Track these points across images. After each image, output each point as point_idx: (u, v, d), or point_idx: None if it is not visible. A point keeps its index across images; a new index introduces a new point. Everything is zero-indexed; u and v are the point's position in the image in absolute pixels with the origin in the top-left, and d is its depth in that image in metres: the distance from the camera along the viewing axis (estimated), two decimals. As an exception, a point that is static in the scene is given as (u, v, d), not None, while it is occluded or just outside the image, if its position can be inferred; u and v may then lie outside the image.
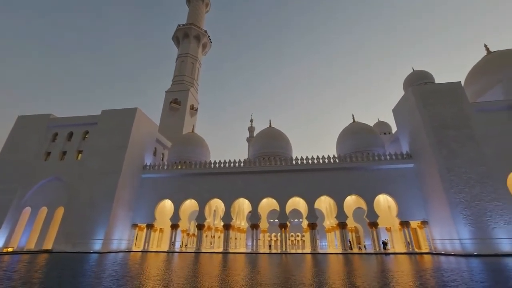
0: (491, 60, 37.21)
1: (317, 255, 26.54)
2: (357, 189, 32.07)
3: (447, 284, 8.53)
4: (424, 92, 32.20)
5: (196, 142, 44.68)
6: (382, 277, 10.63)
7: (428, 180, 29.61)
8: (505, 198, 25.34)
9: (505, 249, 23.22)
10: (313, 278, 10.11)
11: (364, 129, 41.26)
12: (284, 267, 14.91)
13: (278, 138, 44.87)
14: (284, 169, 34.47)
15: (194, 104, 67.26)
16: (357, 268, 14.46)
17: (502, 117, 29.74)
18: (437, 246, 28.05)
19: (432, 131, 29.47)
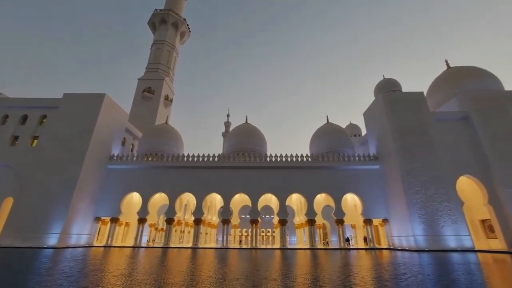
0: (450, 75, 40.82)
1: (285, 250, 27.24)
2: (327, 188, 33.37)
3: (399, 277, 9.21)
4: (392, 99, 34.34)
5: (169, 134, 43.07)
6: (342, 270, 11.17)
7: (390, 181, 31.78)
8: (454, 200, 28.14)
9: (451, 245, 25.86)
10: (278, 272, 10.29)
11: (336, 130, 42.98)
12: (251, 262, 15.02)
13: (254, 134, 44.98)
14: (258, 166, 34.68)
15: (169, 95, 64.64)
16: (320, 262, 15.06)
17: (457, 127, 32.85)
18: (394, 242, 30.33)
19: (397, 136, 31.59)
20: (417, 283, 8.12)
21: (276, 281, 8.22)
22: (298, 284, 7.93)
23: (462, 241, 26.19)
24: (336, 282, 8.25)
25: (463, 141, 31.95)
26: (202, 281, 8.14)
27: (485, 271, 11.70)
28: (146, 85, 60.70)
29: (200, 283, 7.76)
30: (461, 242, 26.12)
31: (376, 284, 8.04)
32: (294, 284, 7.92)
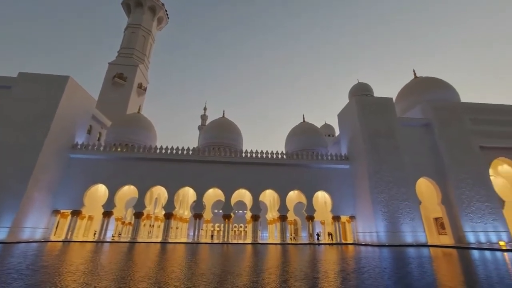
0: (416, 84, 43.99)
1: (257, 245, 27.56)
2: (300, 185, 34.27)
3: (358, 270, 9.75)
4: (364, 103, 36.08)
5: (141, 124, 41.01)
6: (307, 264, 11.56)
7: (359, 180, 33.54)
8: (413, 199, 30.54)
9: (408, 241, 28.11)
10: (246, 267, 10.34)
11: (311, 129, 44.21)
12: (220, 257, 14.94)
13: (230, 129, 44.60)
14: (233, 161, 34.48)
15: (143, 83, 61.32)
16: (288, 257, 15.45)
17: (419, 132, 35.54)
18: (359, 238, 32.20)
19: (367, 138, 33.33)
20: (374, 276, 8.65)
21: (241, 276, 8.22)
22: (263, 278, 8.01)
23: (417, 236, 28.59)
24: (299, 276, 8.48)
25: (424, 146, 34.68)
26: (166, 276, 7.88)
27: (434, 264, 12.87)
28: (118, 70, 56.89)
29: (163, 278, 7.50)
30: (417, 237, 28.51)
31: (336, 277, 8.41)
32: (259, 278, 7.98)
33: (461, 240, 29.49)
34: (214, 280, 7.39)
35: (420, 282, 7.83)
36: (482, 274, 9.61)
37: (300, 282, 7.37)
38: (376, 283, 7.36)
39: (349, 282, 7.57)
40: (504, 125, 35.94)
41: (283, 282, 7.32)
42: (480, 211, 30.50)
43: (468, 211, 30.40)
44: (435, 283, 7.84)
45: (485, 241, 28.82)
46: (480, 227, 29.70)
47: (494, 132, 35.30)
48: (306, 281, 7.49)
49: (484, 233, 29.35)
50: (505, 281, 8.09)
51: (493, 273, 9.69)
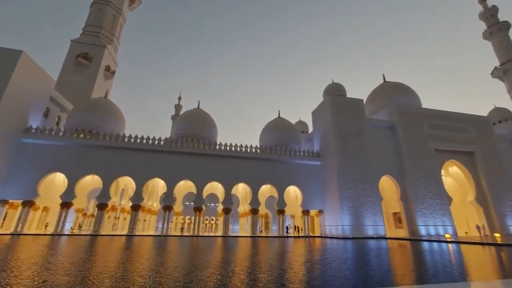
0: (384, 88, 46.88)
1: (227, 238, 27.59)
2: (272, 179, 34.82)
3: (323, 262, 10.23)
4: (337, 102, 37.49)
5: (108, 110, 38.23)
6: (273, 256, 11.84)
7: (328, 176, 35.02)
8: (376, 195, 32.77)
9: (370, 233, 30.23)
10: (212, 259, 10.27)
11: (286, 125, 44.95)
12: (189, 250, 14.68)
13: (205, 120, 43.56)
14: (207, 153, 33.81)
15: (111, 66, 56.71)
16: (257, 249, 15.71)
17: (385, 133, 37.99)
18: (326, 231, 33.85)
19: (338, 136, 34.77)
20: (335, 267, 9.12)
21: (206, 269, 8.14)
22: (229, 271, 8.01)
23: (378, 230, 30.86)
24: (265, 268, 8.64)
25: (388, 146, 37.21)
26: (127, 270, 7.50)
27: (390, 254, 13.99)
28: (82, 49, 51.85)
29: (123, 272, 7.12)
30: (377, 230, 30.77)
31: (299, 268, 8.72)
32: (224, 271, 7.96)
33: (414, 233, 32.47)
34: (179, 274, 7.20)
35: (375, 271, 8.42)
36: (429, 262, 10.68)
37: (264, 274, 7.48)
38: (335, 273, 7.75)
39: (311, 273, 7.87)
40: (456, 131, 39.94)
41: (249, 274, 7.38)
42: (431, 207, 33.78)
43: (421, 207, 33.48)
44: (390, 272, 8.49)
45: (434, 233, 32.06)
46: (430, 221, 32.93)
47: (448, 137, 39.08)
48: (271, 273, 7.63)
49: (433, 226, 32.62)
50: (447, 268, 9.05)
51: (438, 261, 10.81)
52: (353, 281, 6.82)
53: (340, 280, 6.84)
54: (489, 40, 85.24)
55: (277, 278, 6.77)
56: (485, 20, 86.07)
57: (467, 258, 12.40)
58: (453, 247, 17.67)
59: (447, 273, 8.09)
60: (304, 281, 6.66)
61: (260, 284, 6.01)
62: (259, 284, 6.02)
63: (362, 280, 6.94)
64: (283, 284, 6.04)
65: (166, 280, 6.23)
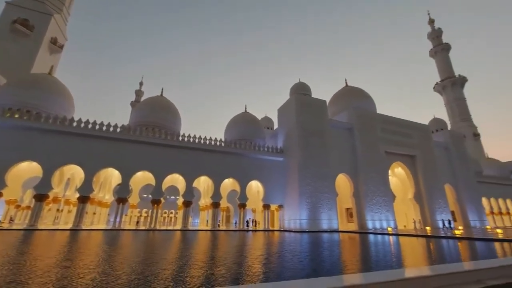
0: (345, 92, 50.10)
1: (186, 232, 26.79)
2: (235, 174, 34.74)
3: (278, 254, 10.54)
4: (302, 101, 38.80)
5: (54, 89, 33.75)
6: (228, 249, 11.85)
7: (290, 173, 36.23)
8: (332, 192, 34.99)
9: (324, 227, 32.25)
10: (167, 253, 9.83)
11: (252, 120, 45.15)
12: (142, 244, 13.85)
13: (168, 109, 41.30)
14: (169, 144, 32.18)
15: (58, 39, 49.59)
16: (215, 242, 15.56)
17: (344, 134, 40.61)
18: (285, 225, 35.13)
19: (301, 134, 36.08)
20: (289, 259, 9.47)
21: (155, 264, 7.75)
22: (180, 265, 7.75)
23: (332, 223, 33.09)
24: (219, 262, 8.55)
25: (346, 146, 39.91)
26: (53, 269, 6.72)
27: (341, 246, 15.08)
28: (20, 14, 44.28)
29: (52, 272, 6.36)
30: (331, 224, 32.99)
31: (253, 260, 8.85)
32: (174, 266, 7.69)
33: (363, 227, 35.65)
34: (124, 270, 6.68)
35: (326, 262, 8.95)
36: (373, 252, 11.79)
37: (217, 268, 7.39)
38: (288, 265, 8.02)
39: (265, 266, 8.02)
40: (402, 136, 44.66)
41: (200, 268, 7.20)
42: (378, 204, 37.39)
43: (370, 203, 36.84)
44: (339, 261, 9.11)
45: (379, 227, 35.61)
46: (377, 216, 36.47)
47: (396, 141, 43.51)
48: (224, 267, 7.56)
49: (379, 221, 36.21)
50: (387, 257, 10.07)
51: (380, 251, 12.01)
52: (305, 271, 7.11)
53: (291, 271, 7.07)
54: (433, 58, 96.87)
55: (228, 271, 6.71)
56: (431, 40, 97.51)
57: (403, 248, 13.99)
58: (393, 239, 19.81)
59: (386, 261, 8.98)
60: (257, 273, 6.72)
61: (211, 278, 5.89)
62: (209, 278, 5.89)
63: (313, 271, 7.28)
64: (236, 278, 6.00)
65: (109, 277, 5.71)
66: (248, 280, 5.79)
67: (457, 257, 10.66)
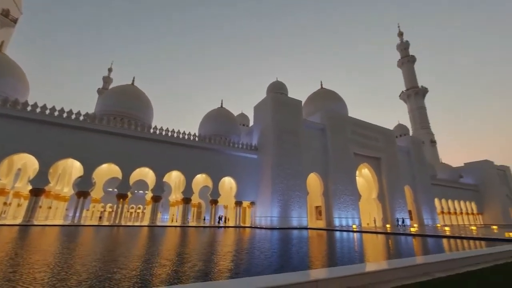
0: (320, 94, 51.82)
1: (154, 228, 25.73)
2: (208, 169, 34.13)
3: (247, 251, 10.54)
4: (278, 100, 39.22)
5: (3, 67, 30.11)
6: (195, 246, 11.61)
7: (263, 170, 36.53)
8: (303, 190, 36.00)
9: (295, 224, 33.12)
10: (128, 251, 9.32)
11: (228, 116, 44.69)
12: (102, 241, 12.98)
13: (139, 99, 39.13)
14: (139, 136, 30.52)
15: (11, 11, 43.78)
16: (184, 239, 15.14)
17: (317, 134, 41.94)
18: (256, 222, 35.41)
19: (276, 132, 36.50)
20: (257, 254, 9.51)
21: (110, 263, 7.30)
22: (138, 264, 7.41)
23: (302, 221, 34.09)
24: (182, 258, 8.32)
25: (318, 146, 41.27)
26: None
27: (309, 242, 15.56)
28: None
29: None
30: (301, 222, 33.98)
31: (220, 257, 8.74)
32: (136, 263, 7.32)
33: (330, 224, 37.29)
34: (75, 269, 6.16)
35: (294, 257, 9.14)
36: (338, 247, 12.33)
37: (180, 266, 7.16)
38: (255, 261, 8.04)
39: (230, 263, 7.94)
40: (370, 139, 47.40)
41: (161, 266, 6.91)
42: (346, 202, 39.34)
43: (338, 202, 38.62)
44: (306, 256, 9.35)
45: (345, 224, 37.50)
46: (343, 214, 38.37)
47: (364, 143, 46.03)
48: (189, 265, 7.36)
49: (345, 218, 38.12)
50: (351, 253, 10.59)
51: (345, 246, 12.60)
52: (272, 267, 7.16)
53: (257, 267, 7.08)
54: (400, 68, 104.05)
55: (191, 269, 6.52)
56: (400, 51, 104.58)
57: (365, 244, 14.85)
58: (357, 236, 20.98)
59: (351, 256, 9.42)
60: (222, 270, 6.62)
61: (172, 276, 5.66)
62: (170, 276, 5.66)
63: (280, 266, 7.36)
64: (206, 273, 5.84)
65: (55, 277, 5.20)
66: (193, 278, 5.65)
67: (410, 252, 11.57)
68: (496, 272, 6.61)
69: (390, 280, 5.35)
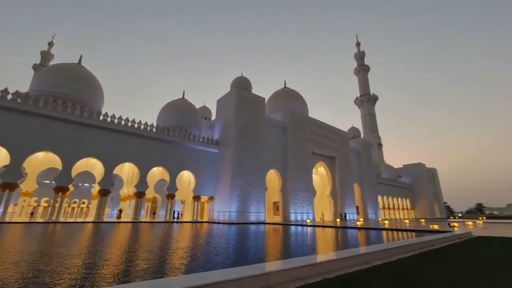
0: (283, 93, 53.31)
1: (100, 224, 23.38)
2: (166, 162, 32.36)
3: (204, 246, 10.24)
4: (242, 96, 39.01)
5: None
6: (149, 243, 10.91)
7: (223, 165, 36.09)
8: (262, 186, 36.64)
9: (252, 219, 33.56)
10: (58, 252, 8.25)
11: (189, 108, 42.96)
12: (23, 241, 11.27)
13: (87, 81, 34.95)
14: (85, 123, 27.24)
15: None
16: (132, 235, 14.09)
17: (278, 132, 42.93)
18: (214, 217, 34.91)
19: (238, 128, 36.31)
20: (211, 249, 9.30)
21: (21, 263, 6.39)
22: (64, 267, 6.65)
23: (259, 216, 34.72)
24: (126, 256, 7.72)
25: (279, 144, 42.39)
26: None
27: (265, 236, 15.86)
28: None
29: None
30: (259, 217, 34.60)
31: (170, 253, 8.34)
32: (62, 264, 6.54)
33: (286, 219, 38.79)
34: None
35: (249, 252, 9.15)
36: (293, 241, 12.79)
37: (120, 266, 6.60)
38: (208, 257, 7.83)
39: (190, 259, 7.60)
40: (326, 139, 50.50)
41: (91, 268, 6.27)
42: (302, 198, 41.32)
43: (295, 198, 40.35)
44: (261, 250, 9.44)
45: (300, 219, 39.41)
46: (299, 209, 40.27)
47: (321, 143, 48.85)
48: (132, 264, 6.82)
49: (300, 214, 40.08)
50: (304, 246, 11.07)
51: (299, 240, 13.14)
52: (225, 262, 7.02)
53: (209, 263, 6.89)
54: (356, 76, 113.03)
55: (127, 269, 6.03)
56: (356, 60, 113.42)
57: (317, 237, 15.75)
58: (310, 230, 22.19)
59: (303, 249, 9.81)
60: (170, 268, 6.27)
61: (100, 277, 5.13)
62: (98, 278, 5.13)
63: (235, 261, 7.26)
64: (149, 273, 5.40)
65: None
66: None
67: (355, 244, 12.61)
68: (420, 259, 7.55)
69: (337, 269, 5.69)
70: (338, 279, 4.97)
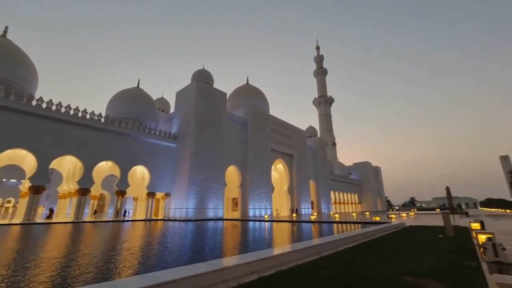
0: (245, 89, 53.42)
1: (31, 226, 20.18)
2: (116, 156, 29.56)
3: (155, 246, 9.61)
4: (203, 89, 37.77)
5: None
6: (79, 244, 9.85)
7: (181, 160, 34.56)
8: (221, 182, 36.21)
9: (211, 216, 32.96)
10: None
11: (145, 98, 39.98)
12: None
13: (13, 58, 29.54)
14: (15, 108, 23.07)
15: None
16: (69, 238, 12.54)
17: (239, 128, 42.88)
18: (170, 214, 33.27)
19: (198, 122, 35.09)
20: (164, 249, 8.80)
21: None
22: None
23: (218, 212, 34.27)
24: (52, 263, 6.84)
25: (239, 140, 42.30)
26: None
27: (223, 232, 15.67)
28: None
29: None
30: (217, 213, 34.15)
31: (117, 255, 7.67)
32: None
33: (245, 215, 39.11)
34: None
35: (205, 249, 8.87)
36: (250, 236, 12.87)
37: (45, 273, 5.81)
38: (160, 257, 7.37)
39: (141, 260, 7.02)
40: (285, 137, 52.26)
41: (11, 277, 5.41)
42: (260, 194, 42.09)
43: (254, 194, 40.89)
44: (218, 246, 9.24)
45: (258, 214, 40.14)
46: (258, 205, 40.97)
47: (280, 140, 50.35)
48: (69, 270, 6.05)
49: (259, 209, 40.82)
50: (260, 241, 11.21)
51: (256, 235, 13.29)
52: (178, 260, 6.66)
53: (162, 262, 6.47)
54: (315, 78, 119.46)
55: (68, 274, 5.33)
56: (316, 63, 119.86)
57: (274, 231, 16.18)
58: (268, 224, 22.73)
59: (260, 244, 9.91)
60: (117, 272, 5.69)
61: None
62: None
63: (189, 259, 6.93)
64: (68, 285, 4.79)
65: None
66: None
67: (308, 236, 13.30)
68: (363, 248, 8.29)
69: (290, 261, 5.84)
70: (290, 270, 5.10)
